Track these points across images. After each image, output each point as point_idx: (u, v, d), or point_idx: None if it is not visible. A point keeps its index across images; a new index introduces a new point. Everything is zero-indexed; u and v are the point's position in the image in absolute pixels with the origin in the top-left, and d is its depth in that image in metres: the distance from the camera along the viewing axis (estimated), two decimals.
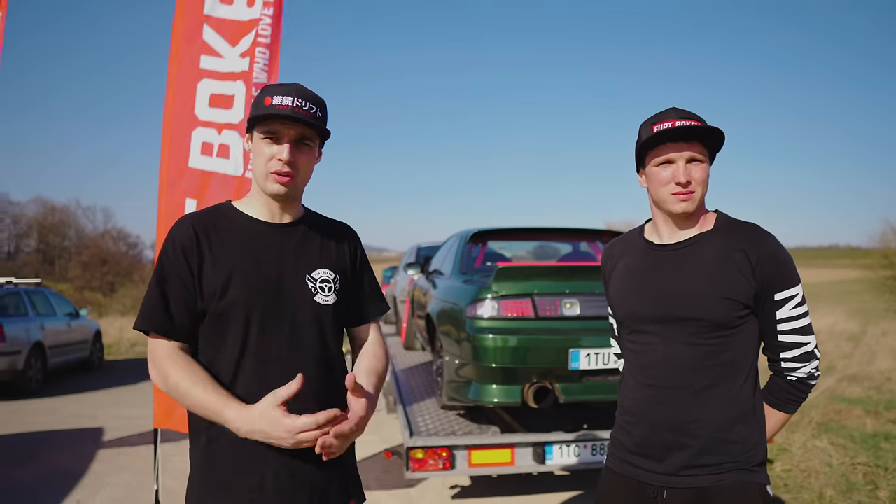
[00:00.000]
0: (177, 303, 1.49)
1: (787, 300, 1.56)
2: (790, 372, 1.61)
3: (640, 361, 1.67)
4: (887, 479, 4.47)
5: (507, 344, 3.69)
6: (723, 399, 1.57)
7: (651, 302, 1.63)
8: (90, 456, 5.50)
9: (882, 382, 7.84)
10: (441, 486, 4.62)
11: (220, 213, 1.60)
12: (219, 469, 1.51)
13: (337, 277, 1.63)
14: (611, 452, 1.76)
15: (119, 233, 36.65)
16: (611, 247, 1.84)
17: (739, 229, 1.60)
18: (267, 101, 1.51)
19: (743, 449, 1.57)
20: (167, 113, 3.40)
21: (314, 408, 1.53)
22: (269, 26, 3.46)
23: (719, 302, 1.54)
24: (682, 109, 1.61)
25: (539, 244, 7.58)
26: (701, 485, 1.56)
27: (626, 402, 1.71)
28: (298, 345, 1.55)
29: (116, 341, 14.02)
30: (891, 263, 14.84)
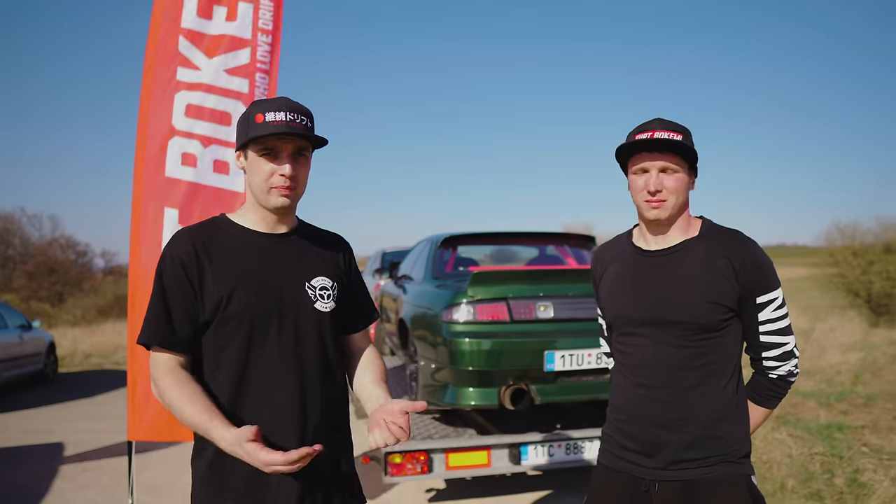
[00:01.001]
0: (178, 316, 1.53)
1: (768, 303, 1.66)
2: (771, 370, 1.71)
3: (630, 362, 1.75)
4: (842, 467, 4.69)
5: (483, 347, 3.75)
6: (708, 397, 1.66)
7: (640, 306, 1.71)
8: (51, 473, 5.32)
9: (832, 376, 8.18)
10: (417, 490, 4.64)
11: (217, 227, 1.63)
12: (226, 475, 1.54)
13: (335, 285, 1.68)
14: (603, 448, 1.84)
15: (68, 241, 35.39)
16: (600, 251, 1.92)
17: (723, 236, 1.69)
18: (259, 119, 1.53)
19: (728, 443, 1.66)
20: (141, 124, 3.36)
21: (317, 410, 1.60)
22: (267, 53, 3.53)
23: (704, 306, 1.62)
24: (665, 121, 1.69)
25: (497, 248, 7.69)
26: (690, 477, 1.65)
27: (618, 401, 1.79)
28: (301, 351, 1.60)
29: (70, 353, 13.54)
30: (837, 262, 15.51)
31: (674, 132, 1.65)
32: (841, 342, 10.36)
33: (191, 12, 3.41)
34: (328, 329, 1.64)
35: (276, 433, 1.53)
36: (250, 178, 1.60)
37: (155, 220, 3.40)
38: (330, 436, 1.63)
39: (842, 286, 15.29)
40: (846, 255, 15.43)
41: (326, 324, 1.64)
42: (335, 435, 1.66)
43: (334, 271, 1.70)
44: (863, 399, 6.91)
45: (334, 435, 1.65)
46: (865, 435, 5.60)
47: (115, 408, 8.06)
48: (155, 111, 3.39)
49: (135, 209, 3.40)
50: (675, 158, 1.64)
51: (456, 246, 5.25)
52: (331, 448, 1.62)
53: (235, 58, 3.51)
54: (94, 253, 32.27)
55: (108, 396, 9.05)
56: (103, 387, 9.81)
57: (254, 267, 1.58)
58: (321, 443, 1.56)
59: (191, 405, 1.46)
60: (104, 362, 12.89)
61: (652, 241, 1.75)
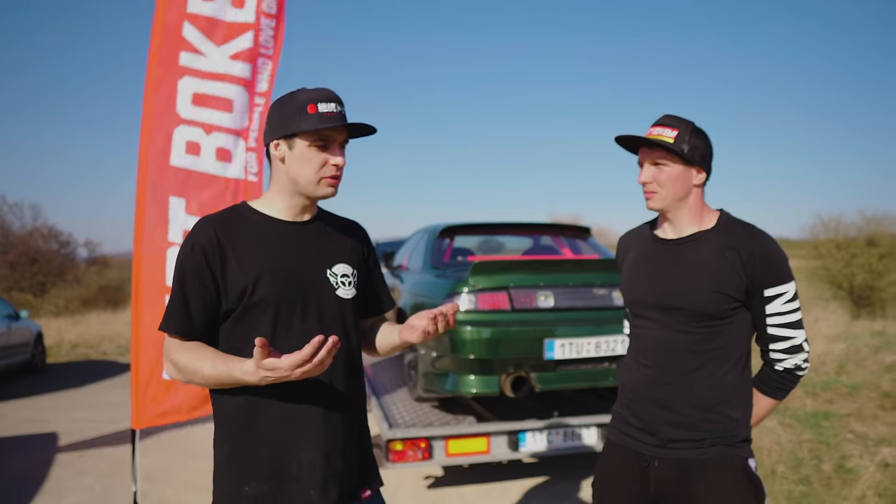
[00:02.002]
0: (196, 305, 1.54)
1: (777, 296, 1.71)
2: (778, 362, 1.77)
3: (639, 344, 1.84)
4: (829, 453, 4.82)
5: (484, 335, 3.81)
6: (708, 381, 1.73)
7: (651, 291, 1.79)
8: (48, 461, 5.32)
9: (818, 365, 8.35)
10: (415, 477, 4.70)
11: (238, 215, 1.64)
12: (249, 457, 1.56)
13: (355, 272, 1.71)
14: (612, 425, 1.93)
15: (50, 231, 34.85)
16: (625, 238, 2.01)
17: (736, 228, 1.76)
18: (312, 109, 1.54)
19: (726, 427, 1.73)
20: (146, 112, 3.36)
21: (340, 396, 1.63)
22: (271, 38, 3.51)
23: (710, 295, 1.69)
24: (672, 117, 1.76)
25: (484, 239, 7.76)
26: (685, 457, 1.73)
27: (627, 380, 1.88)
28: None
29: (56, 343, 13.43)
30: (820, 255, 15.75)
31: (671, 128, 1.72)
32: (825, 333, 10.56)
33: None
34: (350, 316, 1.68)
35: (300, 420, 1.57)
36: (297, 168, 1.59)
37: (161, 209, 3.41)
38: (350, 420, 1.66)
39: (825, 278, 15.53)
40: (830, 248, 15.67)
41: (348, 310, 1.67)
42: (355, 419, 1.69)
43: (354, 258, 1.73)
44: (847, 388, 7.07)
45: (354, 419, 1.69)
46: (851, 422, 5.74)
47: (106, 397, 8.04)
48: (159, 98, 3.39)
49: (139, 198, 3.40)
50: (665, 153, 1.73)
51: (453, 236, 5.29)
52: (350, 432, 1.66)
53: (239, 42, 3.51)
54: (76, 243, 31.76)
55: (99, 386, 9.01)
56: (92, 377, 9.76)
57: (277, 254, 1.59)
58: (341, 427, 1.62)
59: (205, 361, 1.49)
60: (91, 352, 12.80)
61: (669, 230, 1.83)
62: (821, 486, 4.27)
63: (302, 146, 1.57)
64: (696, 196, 1.77)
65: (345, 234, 1.75)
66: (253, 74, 3.49)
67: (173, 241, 3.43)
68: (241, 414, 1.57)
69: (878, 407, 6.31)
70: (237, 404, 1.57)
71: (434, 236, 5.05)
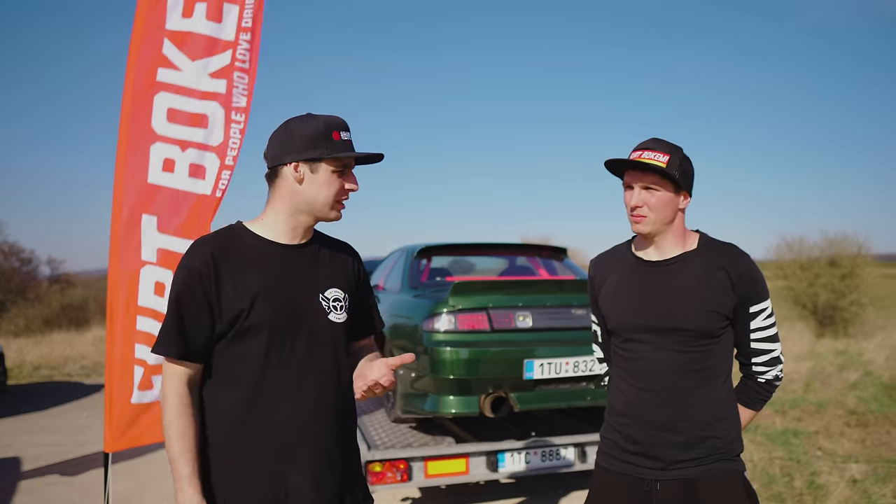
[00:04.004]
0: (192, 327, 1.55)
1: (759, 312, 1.78)
2: (760, 375, 1.84)
3: (633, 367, 1.84)
4: (800, 470, 4.92)
5: (463, 356, 3.83)
6: (706, 398, 1.77)
7: (643, 313, 1.81)
8: (10, 488, 5.14)
9: (785, 384, 8.52)
10: (392, 499, 4.66)
11: (235, 235, 1.66)
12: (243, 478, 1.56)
13: (346, 296, 1.72)
14: (602, 451, 1.92)
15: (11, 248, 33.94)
16: (600, 260, 2.01)
17: (721, 249, 1.82)
18: (336, 136, 1.60)
19: (725, 442, 1.77)
20: (122, 127, 3.32)
21: (331, 418, 1.64)
22: (247, 51, 3.48)
23: (704, 314, 1.74)
24: (661, 141, 1.80)
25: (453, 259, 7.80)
26: (690, 476, 1.75)
27: (619, 405, 1.87)
28: (315, 361, 1.63)
29: (17, 364, 13.00)
30: (785, 275, 16.14)
31: (662, 153, 1.76)
32: (792, 352, 10.79)
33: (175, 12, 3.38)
34: (340, 339, 1.69)
35: (290, 441, 1.57)
36: (315, 191, 1.61)
37: (133, 227, 3.35)
38: (341, 442, 1.67)
39: (790, 298, 15.92)
40: (794, 269, 16.08)
41: (339, 334, 1.69)
42: (346, 441, 1.70)
43: (346, 282, 1.74)
44: (814, 406, 7.23)
45: (345, 441, 1.69)
46: (819, 439, 5.87)
47: (71, 420, 7.81)
48: (136, 114, 3.34)
49: (115, 215, 3.35)
50: (657, 178, 1.76)
51: (431, 256, 5.31)
52: (342, 453, 1.67)
53: (218, 59, 3.48)
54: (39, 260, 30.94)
55: (62, 409, 8.75)
56: (56, 399, 9.48)
57: (273, 278, 1.60)
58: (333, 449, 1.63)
59: (180, 444, 1.52)
60: (54, 374, 12.44)
61: (652, 252, 1.86)
62: (793, 503, 4.35)
63: (326, 171, 1.61)
64: (680, 219, 1.82)
65: (337, 257, 1.76)
66: (229, 89, 3.44)
67: (146, 260, 3.37)
68: (229, 438, 1.56)
69: (844, 424, 6.47)
70: (227, 426, 1.57)
71: (412, 256, 5.06)
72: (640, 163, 1.75)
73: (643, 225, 1.79)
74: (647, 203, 1.77)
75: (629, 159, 1.78)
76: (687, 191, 1.80)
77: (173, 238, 3.36)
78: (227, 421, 1.57)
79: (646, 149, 1.78)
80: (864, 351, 11.11)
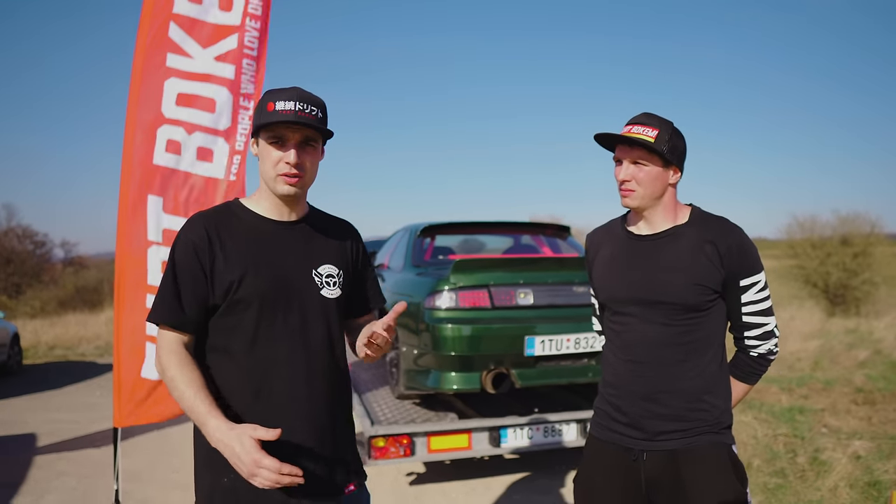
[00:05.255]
0: (188, 298, 1.58)
1: (751, 286, 1.78)
2: (752, 348, 1.84)
3: (621, 340, 1.86)
4: (804, 447, 4.93)
5: (465, 333, 3.85)
6: (693, 372, 1.78)
7: (630, 287, 1.82)
8: (25, 463, 5.26)
9: (793, 363, 8.51)
10: (396, 474, 4.73)
11: (230, 212, 1.69)
12: None
13: (341, 272, 1.74)
14: (595, 421, 1.95)
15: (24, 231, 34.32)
16: (594, 234, 2.02)
17: (711, 223, 1.81)
18: (270, 107, 1.59)
19: (711, 415, 1.78)
20: (131, 111, 3.36)
21: (323, 393, 1.66)
22: (255, 38, 3.52)
23: (691, 287, 1.74)
24: (651, 116, 1.80)
25: (464, 238, 7.79)
26: (675, 447, 1.77)
27: (609, 376, 1.90)
28: (306, 336, 1.65)
29: (33, 345, 13.23)
30: (796, 254, 16.00)
31: (652, 128, 1.75)
32: (801, 331, 10.75)
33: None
34: (333, 315, 1.70)
35: (282, 416, 1.59)
36: (261, 165, 1.66)
37: (138, 208, 3.40)
38: (334, 416, 1.69)
39: (801, 277, 15.80)
40: (805, 248, 15.93)
41: (332, 310, 1.70)
42: (339, 416, 1.72)
43: (341, 259, 1.75)
44: (821, 384, 7.22)
45: (338, 416, 1.71)
46: (825, 417, 5.87)
47: (85, 398, 7.96)
48: (144, 97, 3.38)
49: (122, 197, 3.40)
50: (645, 153, 1.76)
51: (434, 235, 5.33)
52: (334, 428, 1.69)
53: (225, 44, 3.52)
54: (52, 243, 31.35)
55: (77, 387, 8.91)
56: (71, 378, 9.64)
57: (264, 253, 1.63)
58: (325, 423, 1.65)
59: (191, 389, 1.51)
60: (69, 354, 12.63)
61: (643, 226, 1.86)
62: (795, 479, 4.36)
63: (263, 143, 1.63)
64: (670, 194, 1.82)
65: (333, 234, 1.78)
66: (237, 75, 3.50)
67: (153, 241, 3.42)
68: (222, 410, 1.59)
69: (850, 402, 6.46)
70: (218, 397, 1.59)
71: (415, 235, 5.08)
72: (629, 137, 1.75)
73: (632, 199, 1.80)
74: (636, 178, 1.77)
75: (618, 134, 1.78)
76: (677, 166, 1.79)
77: (179, 218, 3.41)
78: (220, 392, 1.59)
79: (636, 123, 1.77)
80: (874, 329, 11.05)
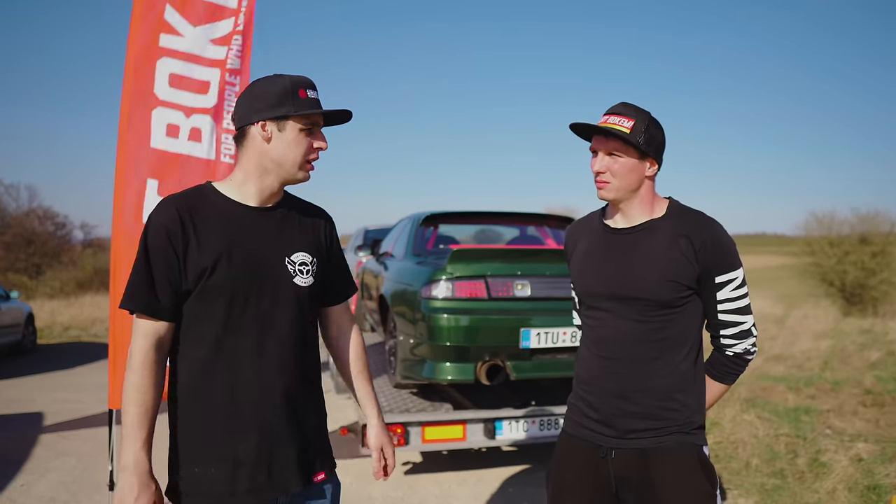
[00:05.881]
0: (162, 284, 1.54)
1: (727, 283, 1.72)
2: (728, 347, 1.78)
3: (594, 335, 1.82)
4: (805, 447, 4.85)
5: (460, 323, 3.83)
6: (665, 370, 1.74)
7: (604, 281, 1.78)
8: (30, 441, 5.35)
9: (803, 361, 8.40)
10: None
11: (203, 196, 1.63)
12: (203, 438, 1.58)
13: (314, 261, 1.71)
14: (568, 417, 1.91)
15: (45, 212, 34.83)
16: (572, 228, 1.98)
17: (687, 217, 1.76)
18: (302, 94, 1.58)
19: (682, 415, 1.74)
20: (125, 92, 3.35)
21: (292, 381, 1.64)
22: (244, 17, 3.49)
23: (664, 284, 1.70)
24: (628, 106, 1.74)
25: (481, 228, 7.74)
26: (644, 446, 1.74)
27: (582, 372, 1.86)
28: (278, 323, 1.63)
29: (48, 325, 13.45)
30: (813, 251, 15.77)
31: (628, 118, 1.70)
32: (813, 330, 10.61)
33: None
34: (306, 303, 1.68)
35: (249, 400, 1.58)
36: (283, 150, 1.60)
37: (138, 191, 3.40)
38: (305, 405, 1.68)
39: (817, 275, 15.58)
40: (822, 245, 15.69)
41: (304, 298, 1.68)
42: (310, 404, 1.70)
43: (315, 246, 1.73)
44: (830, 384, 7.11)
45: (309, 404, 1.70)
46: (830, 418, 5.78)
47: (93, 378, 8.07)
48: (139, 79, 3.38)
49: (118, 179, 3.40)
50: (620, 144, 1.71)
51: (437, 224, 5.30)
52: (306, 416, 1.67)
53: (222, 27, 3.49)
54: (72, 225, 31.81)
55: (87, 368, 9.04)
56: (82, 358, 9.79)
57: (237, 239, 1.59)
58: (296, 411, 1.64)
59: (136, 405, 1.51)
60: (82, 334, 12.83)
61: (619, 220, 1.81)
62: (794, 480, 4.30)
63: (293, 129, 1.59)
64: (647, 187, 1.77)
65: (307, 222, 1.75)
66: (227, 54, 3.47)
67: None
68: (192, 395, 1.58)
69: (858, 403, 6.35)
70: (190, 384, 1.58)
71: (417, 224, 5.06)
72: (603, 128, 1.70)
73: (606, 191, 1.75)
74: (610, 169, 1.73)
75: (592, 124, 1.73)
76: (654, 158, 1.74)
77: None
78: (190, 378, 1.58)
79: (612, 113, 1.72)
80: (889, 330, 10.86)
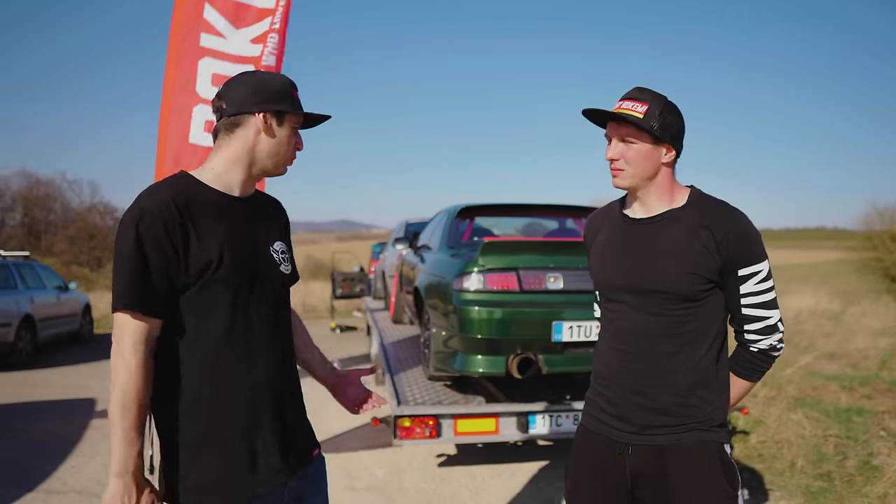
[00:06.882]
0: (159, 279, 1.44)
1: (751, 276, 1.64)
2: (753, 343, 1.70)
3: (612, 328, 1.77)
4: (856, 450, 4.64)
5: (492, 316, 3.80)
6: (685, 365, 1.67)
7: (623, 273, 1.72)
8: (83, 425, 5.60)
9: (859, 360, 8.04)
10: (427, 455, 4.75)
11: (189, 185, 1.56)
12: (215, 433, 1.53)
13: (286, 249, 1.73)
14: (585, 411, 1.87)
15: (106, 207, 36.32)
16: (592, 219, 1.93)
17: (709, 207, 1.68)
18: (295, 94, 1.62)
19: (703, 411, 1.67)
20: (166, 90, 3.45)
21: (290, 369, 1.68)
22: (280, 14, 3.55)
23: (684, 276, 1.63)
24: (643, 90, 1.68)
25: (528, 222, 7.67)
26: (662, 443, 1.68)
27: (599, 366, 1.82)
28: (277, 312, 1.64)
29: (105, 315, 13.99)
30: (874, 245, 15.07)
31: (642, 103, 1.64)
32: (872, 327, 10.15)
33: None
34: (288, 290, 1.71)
35: (257, 394, 1.56)
36: (274, 145, 1.60)
37: None
38: (297, 387, 1.71)
39: (878, 270, 14.88)
40: (884, 240, 14.98)
41: (288, 286, 1.71)
42: (298, 385, 1.72)
43: (284, 234, 1.75)
44: (887, 384, 6.78)
45: (298, 385, 1.72)
46: (885, 419, 5.51)
47: None
48: (179, 77, 3.47)
49: (158, 174, 3.51)
50: (633, 130, 1.65)
51: (473, 216, 5.27)
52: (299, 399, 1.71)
53: (258, 28, 3.57)
54: None
55: None
56: None
57: (234, 231, 1.55)
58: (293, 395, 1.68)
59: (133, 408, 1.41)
60: None
61: (638, 209, 1.75)
62: (841, 483, 4.13)
63: (288, 126, 1.62)
64: (665, 174, 1.70)
65: (273, 211, 1.76)
66: (262, 52, 3.54)
67: None
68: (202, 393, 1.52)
69: None
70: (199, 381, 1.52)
71: (452, 216, 5.05)
72: (616, 114, 1.64)
73: (621, 179, 1.69)
74: (625, 156, 1.66)
75: (604, 109, 1.67)
76: (670, 143, 1.67)
77: None
78: (199, 376, 1.51)
79: (627, 98, 1.66)
80: None
